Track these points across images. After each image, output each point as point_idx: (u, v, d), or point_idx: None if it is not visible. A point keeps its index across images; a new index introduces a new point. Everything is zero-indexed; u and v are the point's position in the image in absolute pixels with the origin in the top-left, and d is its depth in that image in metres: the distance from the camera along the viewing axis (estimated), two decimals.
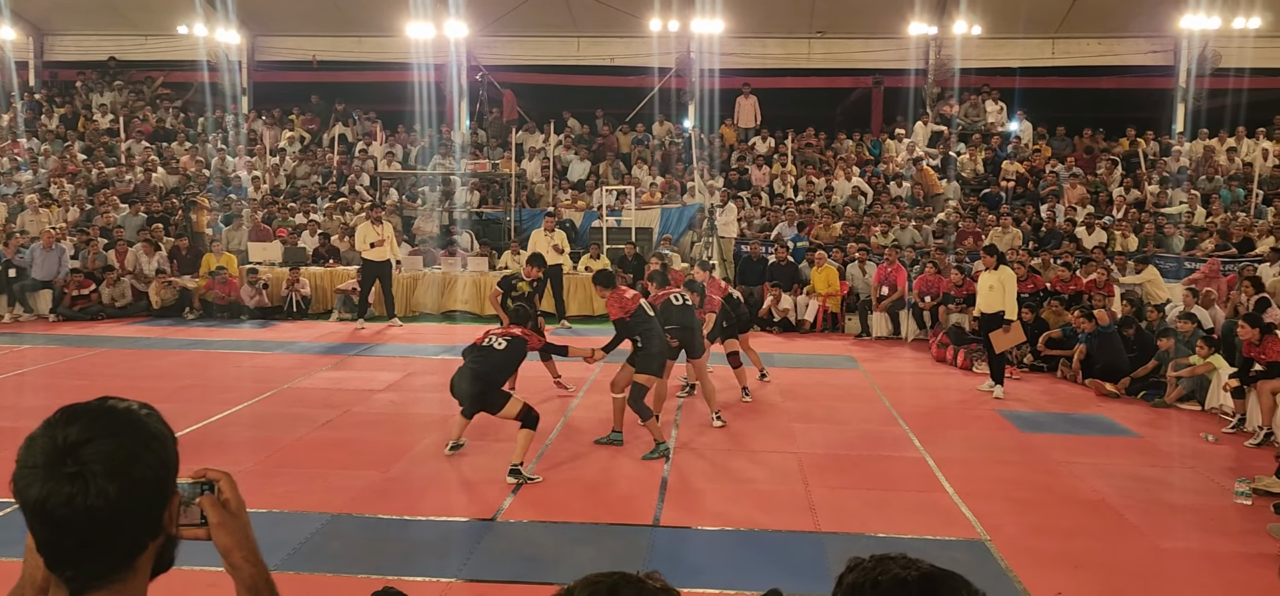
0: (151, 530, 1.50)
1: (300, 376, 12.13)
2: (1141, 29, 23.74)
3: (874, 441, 9.44)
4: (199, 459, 1.63)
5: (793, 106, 25.34)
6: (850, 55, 25.12)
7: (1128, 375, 11.90)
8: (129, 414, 1.51)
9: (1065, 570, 6.17)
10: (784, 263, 17.40)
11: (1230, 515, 7.36)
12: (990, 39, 23.93)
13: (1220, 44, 22.90)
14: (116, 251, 18.13)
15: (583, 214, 20.21)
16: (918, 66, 24.43)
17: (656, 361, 8.89)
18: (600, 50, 25.36)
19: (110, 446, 1.44)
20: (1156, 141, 22.75)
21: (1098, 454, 9.12)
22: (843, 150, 23.17)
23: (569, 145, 23.42)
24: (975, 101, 23.92)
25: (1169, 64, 24.09)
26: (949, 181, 21.57)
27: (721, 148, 23.48)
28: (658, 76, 24.38)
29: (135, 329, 16.04)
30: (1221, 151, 21.89)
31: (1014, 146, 22.95)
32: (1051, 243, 17.98)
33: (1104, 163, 21.82)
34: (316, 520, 6.84)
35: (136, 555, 1.49)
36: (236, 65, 26.02)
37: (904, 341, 16.00)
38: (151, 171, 22.19)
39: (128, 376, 12.16)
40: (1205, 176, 21.09)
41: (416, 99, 24.04)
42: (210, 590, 4.89)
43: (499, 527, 6.83)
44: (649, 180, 21.98)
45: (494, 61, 25.35)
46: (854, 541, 6.53)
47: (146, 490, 1.47)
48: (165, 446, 1.52)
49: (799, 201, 20.78)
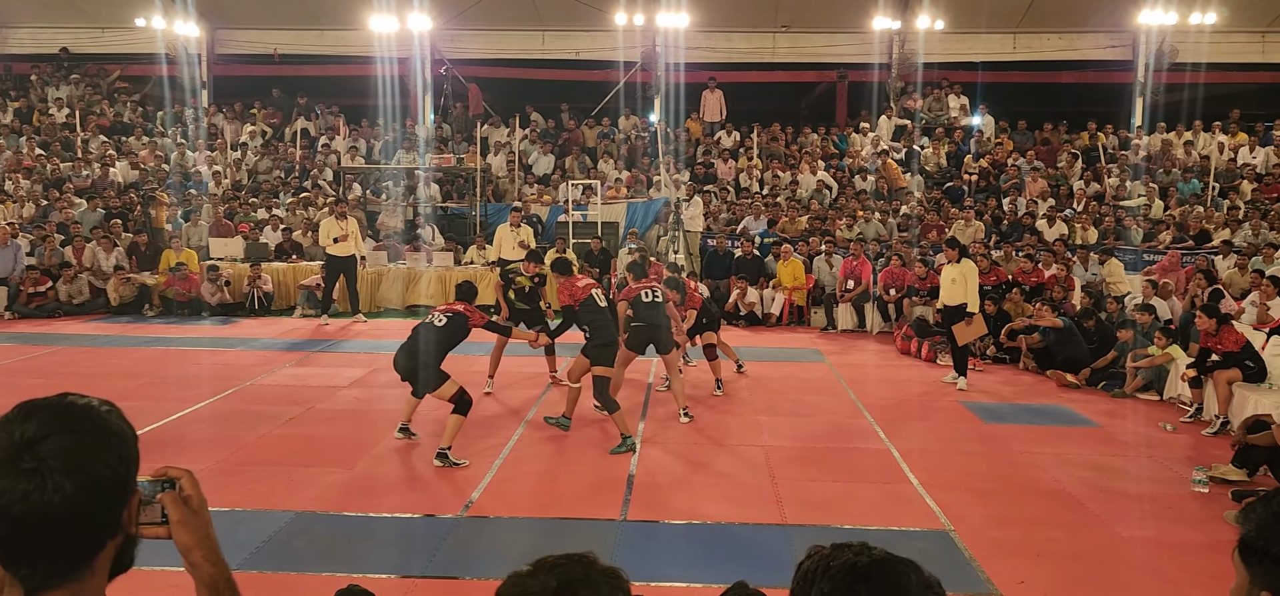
0: (110, 529, 1.47)
1: (263, 373, 12.00)
2: (1101, 24, 24.05)
3: (840, 434, 9.50)
4: (159, 458, 1.61)
5: (758, 100, 25.41)
6: (815, 49, 25.22)
7: (1088, 366, 12.07)
8: (88, 410, 1.48)
9: (1027, 559, 6.25)
10: (750, 256, 17.46)
11: (1188, 503, 7.49)
12: (953, 33, 24.13)
13: (1177, 39, 23.24)
14: (74, 247, 17.82)
15: (548, 208, 20.14)
16: (882, 61, 24.58)
17: (608, 352, 8.89)
18: (565, 44, 25.25)
19: (68, 443, 1.41)
20: (1116, 135, 23.07)
21: (1059, 444, 9.24)
22: (808, 144, 23.27)
23: (534, 139, 23.33)
24: (938, 96, 24.13)
25: (1128, 59, 24.42)
26: (913, 175, 21.75)
27: (687, 142, 23.51)
28: (623, 71, 24.33)
29: (93, 326, 15.78)
30: (1179, 145, 22.23)
31: (976, 140, 23.17)
32: (1013, 235, 18.19)
33: (1064, 156, 22.10)
34: (280, 518, 6.78)
35: (94, 554, 1.46)
36: (196, 58, 25.61)
37: (869, 334, 16.12)
38: (109, 166, 21.84)
39: (86, 374, 11.96)
40: (1163, 169, 21.42)
41: (380, 93, 23.81)
42: (171, 590, 4.82)
43: (464, 523, 6.80)
44: (615, 174, 21.96)
45: (458, 55, 25.17)
46: (821, 533, 6.57)
47: (105, 488, 1.44)
48: (125, 443, 1.49)
49: (764, 195, 20.85)
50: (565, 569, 1.48)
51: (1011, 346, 13.37)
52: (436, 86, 25.03)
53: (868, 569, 1.43)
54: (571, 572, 1.47)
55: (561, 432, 9.21)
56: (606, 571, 1.51)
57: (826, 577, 1.44)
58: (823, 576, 1.44)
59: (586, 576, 1.48)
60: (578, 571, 1.48)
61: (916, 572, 1.43)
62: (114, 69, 25.99)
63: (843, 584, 1.42)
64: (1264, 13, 23.19)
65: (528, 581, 1.48)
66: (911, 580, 1.42)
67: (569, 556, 1.51)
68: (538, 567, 1.49)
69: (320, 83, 25.84)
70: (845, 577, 1.42)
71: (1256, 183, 20.78)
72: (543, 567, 1.49)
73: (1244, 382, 9.89)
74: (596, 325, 8.91)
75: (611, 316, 9.09)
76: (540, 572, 1.48)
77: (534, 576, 1.48)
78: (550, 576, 1.47)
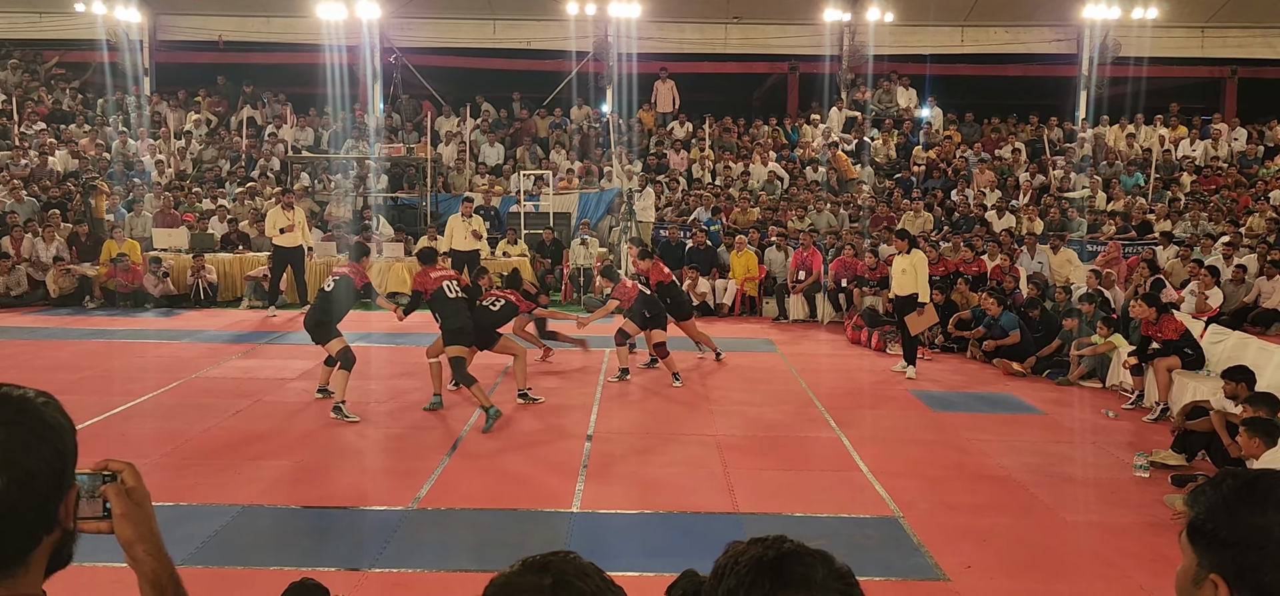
0: (45, 524, 1.43)
1: (209, 366, 11.80)
2: (1046, 18, 24.46)
3: (791, 422, 9.57)
4: (102, 452, 1.57)
5: (710, 91, 25.49)
6: (766, 41, 25.34)
7: (1033, 355, 12.28)
8: (24, 401, 1.43)
9: (974, 543, 6.35)
10: (702, 246, 17.51)
11: (1130, 488, 7.66)
12: (902, 26, 24.38)
13: (1120, 33, 23.74)
14: (12, 238, 17.35)
15: (500, 199, 20.03)
16: (832, 53, 24.76)
17: (461, 335, 9.52)
18: (516, 33, 25.09)
19: (2, 435, 1.37)
20: (1060, 127, 23.48)
21: (1005, 431, 9.40)
22: (759, 135, 23.38)
23: (485, 129, 23.17)
24: (887, 87, 24.38)
25: (1072, 52, 24.88)
26: (863, 166, 21.95)
27: (640, 132, 23.50)
28: (575, 61, 24.24)
29: (32, 319, 15.39)
30: (1121, 137, 22.70)
31: (925, 132, 23.45)
32: (962, 227, 18.44)
33: (1010, 148, 22.45)
34: (227, 512, 6.67)
35: (29, 550, 1.42)
36: (138, 45, 25.01)
37: (820, 324, 16.24)
38: (48, 155, 21.30)
39: (24, 367, 11.65)
40: (1106, 161, 21.85)
41: (328, 81, 23.47)
42: (114, 585, 4.74)
43: (415, 516, 6.74)
44: (567, 165, 21.89)
45: (408, 44, 24.89)
46: (772, 521, 6.63)
47: (40, 483, 1.39)
48: (62, 437, 1.45)
49: (716, 186, 20.91)
50: (557, 565, 1.46)
51: (959, 336, 13.56)
52: (386, 75, 24.74)
53: (775, 562, 1.42)
54: (565, 568, 1.46)
55: (520, 424, 9.23)
56: (590, 567, 1.51)
57: (733, 573, 1.43)
58: (730, 572, 1.44)
59: (580, 570, 1.48)
60: (570, 567, 1.47)
61: (825, 563, 1.43)
62: (52, 55, 25.33)
63: (748, 578, 1.41)
64: (1203, 8, 23.74)
65: (517, 580, 1.46)
66: (818, 571, 1.42)
67: (552, 554, 1.50)
68: (525, 567, 1.47)
69: (267, 70, 25.42)
70: (750, 572, 1.41)
71: (1196, 175, 21.28)
72: (530, 567, 1.47)
73: (1183, 370, 10.13)
74: (445, 314, 9.64)
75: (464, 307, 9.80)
76: (529, 571, 1.46)
77: (523, 575, 1.46)
78: (543, 574, 1.45)
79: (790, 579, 1.40)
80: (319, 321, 9.55)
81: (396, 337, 12.91)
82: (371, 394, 10.31)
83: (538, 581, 1.44)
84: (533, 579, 1.45)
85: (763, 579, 1.40)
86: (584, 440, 8.67)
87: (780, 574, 1.41)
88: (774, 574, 1.41)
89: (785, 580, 1.40)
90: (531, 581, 1.45)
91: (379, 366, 11.59)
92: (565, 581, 1.45)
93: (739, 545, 1.50)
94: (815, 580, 1.40)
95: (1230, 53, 24.56)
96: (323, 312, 9.59)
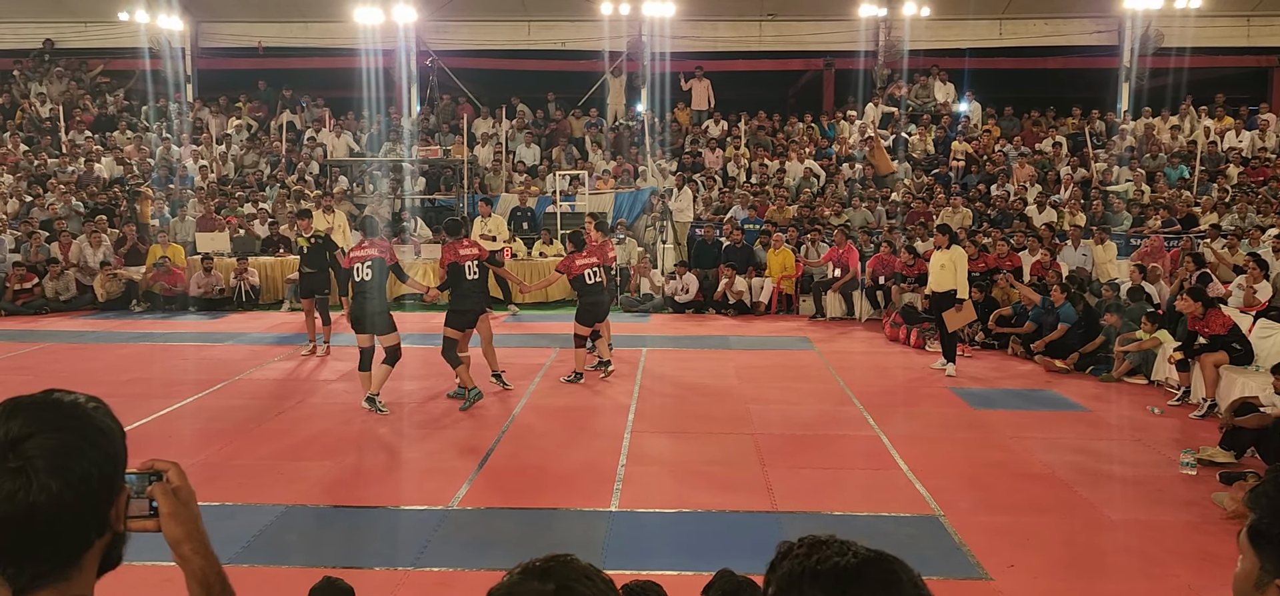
0: (97, 527, 1.46)
1: (251, 368, 11.96)
2: (1086, 10, 24.10)
3: (829, 421, 9.52)
4: (147, 454, 1.60)
5: (745, 89, 25.38)
6: (801, 37, 25.19)
7: (1076, 351, 12.11)
8: (75, 407, 1.46)
9: (1016, 542, 6.28)
10: (738, 245, 17.47)
11: (1176, 485, 7.53)
12: (939, 20, 24.14)
13: (1163, 23, 23.31)
14: (60, 243, 17.71)
15: (536, 199, 20.11)
16: (868, 48, 24.58)
17: (460, 318, 9.99)
18: (551, 34, 25.16)
19: (54, 441, 1.40)
20: (1102, 120, 23.13)
21: (1047, 429, 9.28)
22: (795, 133, 23.27)
23: (521, 129, 23.29)
24: (924, 82, 24.16)
25: (1113, 44, 24.48)
26: (900, 162, 21.78)
27: (676, 131, 23.48)
28: (609, 60, 24.27)
29: (80, 322, 15.69)
30: (1164, 129, 22.31)
31: (963, 127, 23.22)
32: (1002, 222, 18.24)
33: (1050, 141, 22.16)
34: (270, 512, 6.76)
35: (82, 552, 1.45)
36: (180, 52, 25.43)
37: (858, 321, 16.15)
38: (94, 161, 21.70)
39: (73, 371, 11.90)
40: (1149, 154, 21.50)
41: (365, 85, 23.71)
42: (162, 586, 4.81)
43: (454, 515, 6.79)
44: (603, 165, 21.93)
45: (443, 46, 25.07)
46: (811, 520, 6.60)
47: (92, 486, 1.42)
48: (112, 441, 1.48)
49: (752, 184, 20.85)
50: (558, 571, 1.44)
51: (1000, 332, 13.41)
52: (422, 78, 24.93)
53: (858, 569, 1.37)
54: (567, 573, 1.44)
55: (558, 423, 9.27)
56: (591, 568, 1.49)
57: (816, 583, 1.36)
58: (811, 581, 1.36)
59: (582, 573, 1.45)
60: (572, 572, 1.45)
61: (905, 570, 1.39)
62: (97, 64, 25.80)
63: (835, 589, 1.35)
64: None
65: (520, 587, 1.43)
66: (903, 578, 1.38)
67: (552, 557, 1.47)
68: (526, 573, 1.45)
69: (305, 75, 25.71)
70: (834, 581, 1.35)
71: (1242, 166, 20.87)
72: (531, 573, 1.44)
73: (1231, 365, 9.95)
74: (458, 292, 10.09)
75: (475, 290, 10.18)
76: (530, 578, 1.43)
77: (525, 582, 1.43)
78: (545, 580, 1.42)
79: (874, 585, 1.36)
80: (379, 311, 9.43)
81: (433, 338, 12.99)
82: (408, 394, 10.40)
83: (541, 588, 1.42)
84: (535, 585, 1.42)
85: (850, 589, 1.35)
86: (621, 439, 8.68)
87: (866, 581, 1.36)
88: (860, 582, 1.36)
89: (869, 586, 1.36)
90: (534, 588, 1.42)
91: (415, 367, 11.67)
92: (568, 586, 1.42)
93: (796, 548, 1.43)
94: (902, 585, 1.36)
95: (1277, 41, 24.04)
96: (375, 301, 9.42)
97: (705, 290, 16.98)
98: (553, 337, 13.42)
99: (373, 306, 9.42)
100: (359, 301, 9.46)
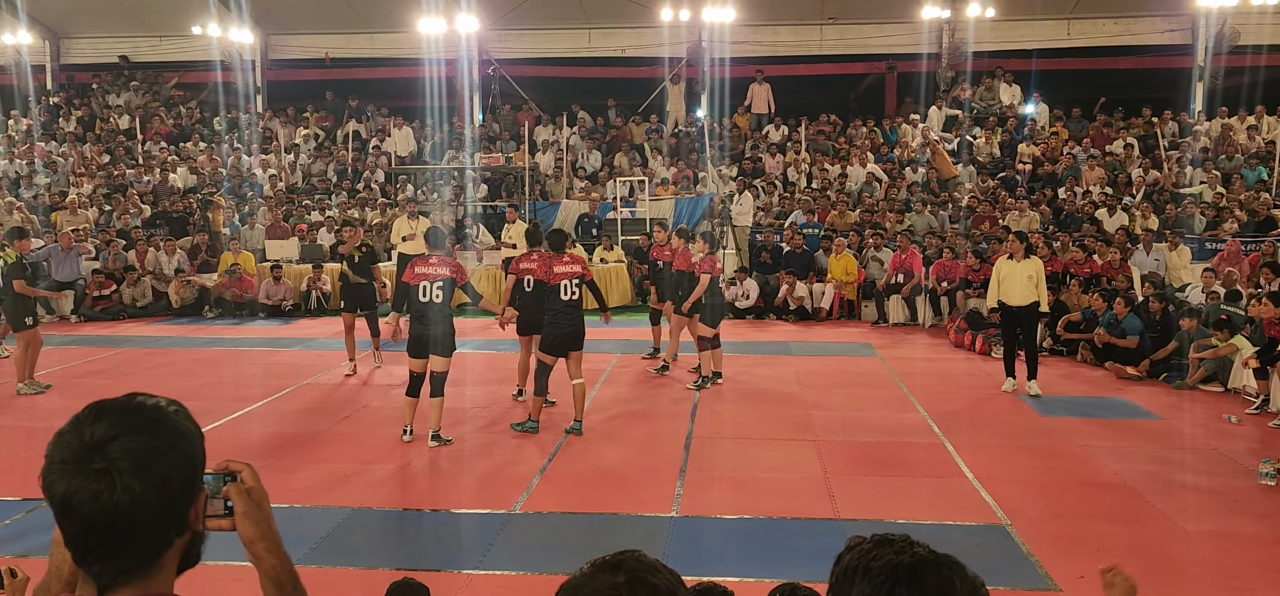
0: (178, 527, 1.51)
1: (320, 372, 12.19)
2: (1158, 8, 23.51)
3: (892, 428, 9.41)
4: (220, 455, 1.64)
5: (806, 93, 25.23)
6: (863, 41, 24.97)
7: (1148, 357, 11.80)
8: (157, 410, 1.51)
9: (1087, 553, 6.14)
10: (799, 251, 17.36)
11: (1254, 496, 7.31)
12: (1004, 21, 23.75)
13: (1238, 21, 22.64)
14: (137, 251, 18.26)
15: (598, 205, 20.22)
16: (931, 50, 24.28)
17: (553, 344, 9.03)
18: (611, 41, 25.29)
19: (137, 443, 1.44)
20: (1175, 121, 22.54)
21: (1118, 437, 9.07)
22: (856, 137, 23.06)
23: (582, 136, 23.46)
24: (990, 84, 23.77)
25: (1186, 43, 23.82)
26: (964, 165, 21.45)
27: (736, 137, 23.42)
28: (669, 67, 24.31)
29: (156, 328, 16.15)
30: (1241, 130, 21.66)
31: (1029, 129, 22.80)
32: (1071, 225, 17.87)
33: (1121, 143, 21.66)
34: (338, 514, 6.88)
35: (163, 551, 1.50)
36: (250, 64, 26.09)
37: (921, 327, 15.94)
38: (169, 171, 22.33)
39: (150, 375, 12.24)
40: (1224, 155, 20.89)
41: (428, 94, 24.07)
42: (235, 584, 4.92)
43: (517, 519, 6.85)
44: (663, 172, 21.96)
45: (505, 55, 25.35)
46: (874, 528, 6.49)
47: (173, 487, 1.47)
48: (192, 443, 1.52)
49: (813, 189, 20.71)
50: (629, 564, 1.47)
51: (1069, 338, 13.13)
52: (484, 86, 25.22)
53: (911, 569, 1.37)
54: (637, 566, 1.46)
55: (619, 428, 9.26)
56: (658, 563, 1.51)
57: (867, 578, 1.38)
58: (863, 576, 1.39)
59: (651, 566, 1.48)
60: (642, 564, 1.47)
61: (961, 574, 1.37)
62: (171, 76, 26.57)
63: (884, 585, 1.36)
64: None
65: (591, 581, 1.46)
66: (957, 583, 1.36)
67: (623, 553, 1.50)
68: (597, 567, 1.48)
69: (370, 85, 26.20)
70: (886, 578, 1.36)
71: None
72: (601, 567, 1.47)
73: None
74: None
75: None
76: (601, 571, 1.46)
77: (595, 575, 1.46)
78: (616, 573, 1.45)
79: (928, 588, 1.35)
80: (444, 334, 8.63)
81: (493, 344, 13.12)
82: (470, 399, 10.50)
83: (612, 580, 1.44)
84: (606, 578, 1.45)
85: (899, 588, 1.35)
86: (682, 444, 8.68)
87: (918, 582, 1.36)
88: (912, 582, 1.36)
89: (924, 590, 1.35)
90: (606, 580, 1.45)
91: (476, 372, 11.79)
92: (639, 578, 1.45)
93: (861, 541, 1.45)
94: (955, 589, 1.35)
95: None
96: (440, 325, 8.61)
97: (766, 296, 16.90)
98: (616, 343, 13.45)
99: (437, 331, 8.59)
100: (421, 323, 8.61)
